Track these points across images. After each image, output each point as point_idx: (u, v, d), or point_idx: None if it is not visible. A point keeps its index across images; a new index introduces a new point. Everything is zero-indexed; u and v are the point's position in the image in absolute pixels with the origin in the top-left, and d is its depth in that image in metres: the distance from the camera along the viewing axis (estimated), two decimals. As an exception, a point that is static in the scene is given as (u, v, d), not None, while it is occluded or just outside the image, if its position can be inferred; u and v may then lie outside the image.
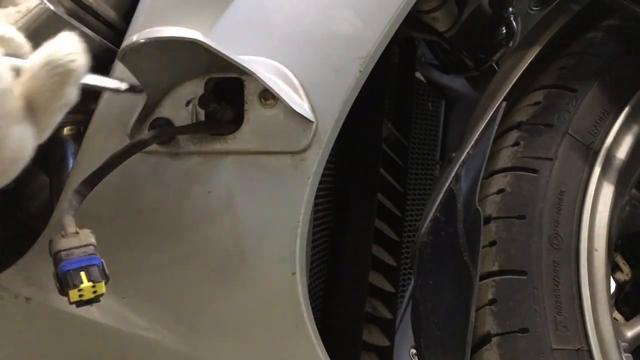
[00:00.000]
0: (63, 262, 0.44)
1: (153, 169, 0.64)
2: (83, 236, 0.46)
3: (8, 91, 0.37)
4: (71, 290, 0.44)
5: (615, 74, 0.73)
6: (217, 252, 0.63)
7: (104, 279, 0.45)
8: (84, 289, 0.44)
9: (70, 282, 0.44)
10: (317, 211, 0.82)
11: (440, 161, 1.20)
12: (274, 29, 0.64)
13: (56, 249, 0.45)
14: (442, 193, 0.68)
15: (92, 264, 0.45)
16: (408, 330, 1.00)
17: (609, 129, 0.71)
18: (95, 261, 0.45)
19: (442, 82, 1.22)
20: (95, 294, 0.45)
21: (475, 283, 0.63)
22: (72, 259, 0.45)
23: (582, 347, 0.62)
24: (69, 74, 0.39)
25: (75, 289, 0.44)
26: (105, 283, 0.45)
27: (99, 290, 0.45)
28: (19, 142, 0.39)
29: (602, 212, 0.68)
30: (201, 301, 0.65)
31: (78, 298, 0.44)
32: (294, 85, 0.62)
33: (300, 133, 0.61)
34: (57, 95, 0.39)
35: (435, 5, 0.87)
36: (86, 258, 0.45)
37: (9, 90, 0.37)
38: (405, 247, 1.03)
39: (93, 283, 0.44)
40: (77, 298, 0.44)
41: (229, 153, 0.62)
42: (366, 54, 0.61)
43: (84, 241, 0.46)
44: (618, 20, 0.75)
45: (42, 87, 0.38)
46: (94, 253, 0.46)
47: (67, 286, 0.44)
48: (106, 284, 0.46)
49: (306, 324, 0.62)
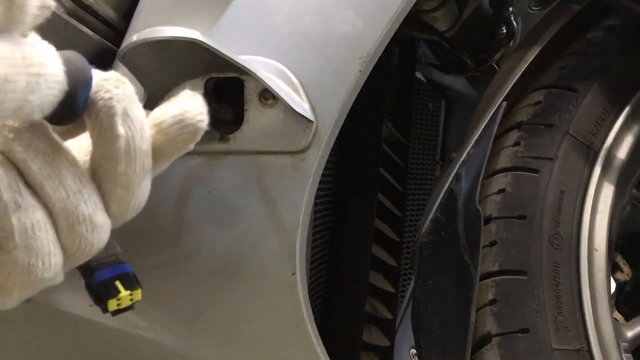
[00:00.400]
0: (95, 272, 0.43)
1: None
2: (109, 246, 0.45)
3: (149, 151, 0.39)
4: (110, 300, 0.43)
5: (615, 74, 0.73)
6: (217, 252, 0.63)
7: (139, 286, 0.44)
8: (122, 298, 0.43)
9: (107, 292, 0.43)
10: (317, 211, 0.81)
11: (440, 161, 1.20)
12: (273, 28, 0.64)
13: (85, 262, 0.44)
14: (443, 193, 0.68)
15: (125, 272, 0.44)
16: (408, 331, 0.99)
17: (609, 128, 0.71)
18: (128, 269, 0.45)
19: (442, 82, 1.22)
20: (132, 301, 0.44)
21: (475, 283, 0.63)
22: (104, 269, 0.44)
23: (583, 347, 0.62)
24: (198, 132, 0.41)
25: (113, 298, 0.43)
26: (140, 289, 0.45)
27: (136, 297, 0.44)
28: (145, 192, 0.41)
29: (603, 212, 0.68)
30: (201, 301, 0.65)
31: (116, 307, 0.43)
32: (294, 85, 0.61)
33: (301, 133, 0.60)
34: (184, 149, 0.41)
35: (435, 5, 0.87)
36: (118, 267, 0.44)
37: (149, 149, 0.39)
38: (406, 247, 1.03)
39: (130, 291, 0.44)
40: (116, 307, 0.43)
41: (229, 153, 0.62)
42: (366, 53, 0.61)
43: (111, 250, 0.45)
44: (618, 20, 0.75)
45: (170, 142, 0.40)
46: (124, 261, 0.45)
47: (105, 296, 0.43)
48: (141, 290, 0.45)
49: (306, 324, 0.62)
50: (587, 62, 0.73)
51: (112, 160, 0.37)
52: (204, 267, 0.64)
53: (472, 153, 0.69)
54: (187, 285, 0.64)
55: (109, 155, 0.37)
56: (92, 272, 0.43)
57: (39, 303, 0.66)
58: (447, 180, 0.68)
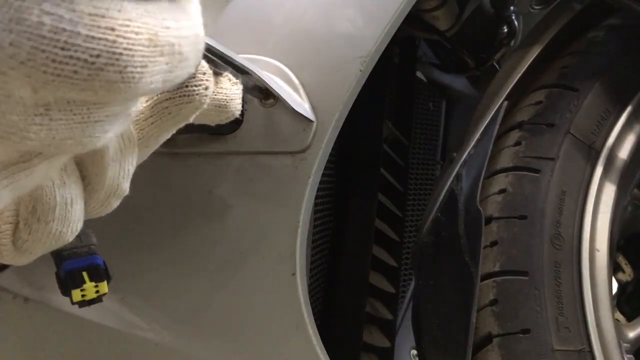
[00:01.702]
0: (65, 262, 0.44)
1: (153, 169, 0.63)
2: (83, 236, 0.46)
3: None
4: (74, 290, 0.43)
5: (617, 73, 0.72)
6: (217, 252, 0.63)
7: (105, 278, 0.45)
8: (87, 289, 0.44)
9: (73, 282, 0.44)
10: (317, 211, 0.81)
11: (441, 161, 1.19)
12: (273, 28, 0.64)
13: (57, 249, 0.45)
14: (443, 193, 0.68)
15: (94, 263, 0.45)
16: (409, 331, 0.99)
17: (610, 128, 0.71)
18: (97, 260, 0.45)
19: (443, 81, 1.21)
20: (97, 293, 0.44)
21: (476, 283, 0.62)
22: (74, 259, 0.44)
23: (584, 348, 0.62)
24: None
25: (77, 288, 0.43)
26: (107, 282, 0.45)
27: (102, 289, 0.44)
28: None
29: (604, 212, 0.68)
30: (201, 301, 0.64)
31: (81, 298, 0.44)
32: (294, 85, 0.61)
33: (301, 132, 0.60)
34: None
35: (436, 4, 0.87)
36: (87, 258, 0.45)
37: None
38: (406, 247, 1.03)
39: (95, 282, 0.44)
40: (80, 298, 0.44)
41: (229, 153, 0.62)
42: (367, 53, 0.61)
43: (85, 241, 0.46)
44: (620, 19, 0.75)
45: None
46: (95, 252, 0.45)
47: (69, 286, 0.43)
48: (108, 283, 0.45)
49: (306, 324, 0.62)
50: (589, 61, 0.73)
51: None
52: (204, 267, 0.63)
53: (473, 153, 0.68)
54: (187, 286, 0.64)
55: None
56: (61, 261, 0.44)
57: (39, 303, 0.66)
58: (448, 180, 0.68)
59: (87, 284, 0.44)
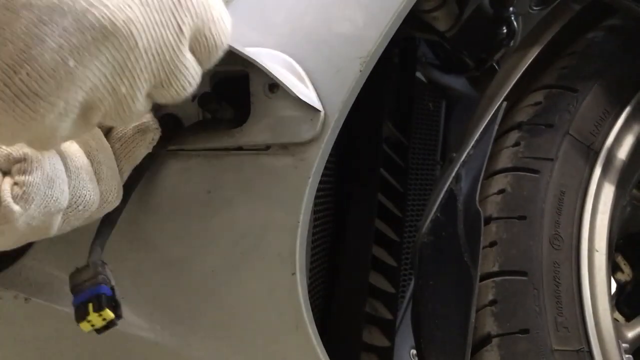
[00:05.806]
0: (75, 296, 0.48)
1: (153, 169, 0.64)
2: (93, 267, 0.49)
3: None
4: (81, 322, 0.46)
5: (616, 74, 0.72)
6: (217, 252, 0.63)
7: (107, 306, 0.47)
8: (92, 319, 0.46)
9: (78, 315, 0.47)
10: (317, 211, 0.81)
11: (440, 161, 1.19)
12: (273, 28, 0.64)
13: (71, 285, 0.49)
14: (443, 193, 0.68)
15: (97, 294, 0.47)
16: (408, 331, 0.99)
17: (609, 129, 0.71)
18: (103, 290, 0.48)
19: (442, 82, 1.21)
20: (105, 320, 0.47)
21: (475, 284, 0.63)
22: (80, 293, 0.48)
23: (583, 348, 0.62)
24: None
25: (83, 320, 0.46)
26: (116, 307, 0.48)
27: (106, 316, 0.47)
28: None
29: (603, 212, 0.68)
30: (201, 302, 0.64)
31: (91, 328, 0.47)
32: (300, 76, 0.61)
33: (308, 123, 0.60)
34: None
35: (435, 4, 0.87)
36: (93, 289, 0.48)
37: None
38: (406, 247, 1.03)
39: (98, 312, 0.46)
40: (90, 328, 0.47)
41: (233, 149, 0.62)
42: (366, 53, 0.61)
43: (93, 272, 0.49)
44: (619, 20, 0.75)
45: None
46: (101, 282, 0.48)
47: (78, 319, 0.47)
48: (116, 308, 0.48)
49: (306, 324, 0.62)
50: (588, 62, 0.73)
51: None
52: (204, 268, 0.64)
53: (473, 153, 0.68)
54: (187, 286, 0.64)
55: None
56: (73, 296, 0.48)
57: (39, 303, 0.66)
58: (447, 181, 0.68)
59: (91, 315, 0.46)
